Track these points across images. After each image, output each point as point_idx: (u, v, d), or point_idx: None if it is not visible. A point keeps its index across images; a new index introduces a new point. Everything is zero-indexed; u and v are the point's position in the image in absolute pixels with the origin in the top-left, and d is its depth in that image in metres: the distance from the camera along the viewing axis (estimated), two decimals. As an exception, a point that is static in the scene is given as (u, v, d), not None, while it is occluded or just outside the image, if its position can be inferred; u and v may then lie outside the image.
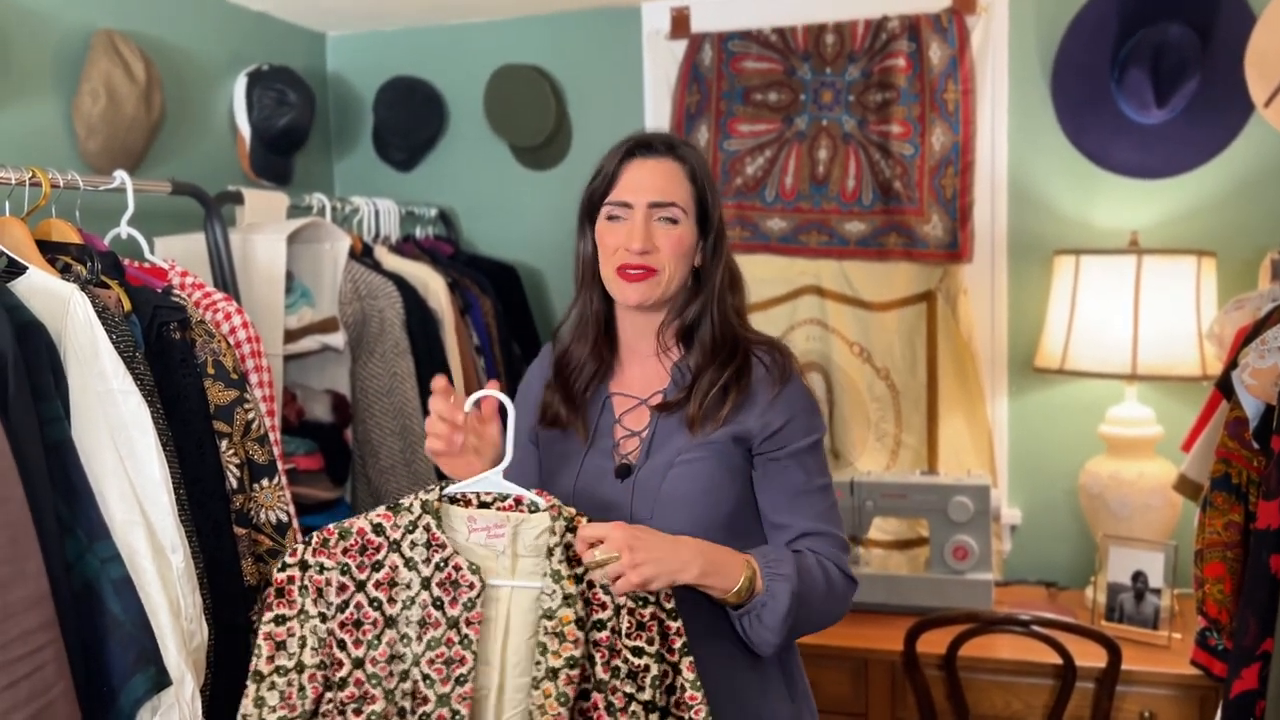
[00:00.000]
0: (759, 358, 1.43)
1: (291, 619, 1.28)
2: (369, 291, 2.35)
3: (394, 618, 1.28)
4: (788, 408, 1.40)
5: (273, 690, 1.27)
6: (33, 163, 1.62)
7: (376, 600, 1.29)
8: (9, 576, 1.19)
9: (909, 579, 2.50)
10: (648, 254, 1.39)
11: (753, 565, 1.33)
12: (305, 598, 1.28)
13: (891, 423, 2.75)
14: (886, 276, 2.72)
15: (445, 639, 1.27)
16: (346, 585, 1.29)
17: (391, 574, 1.29)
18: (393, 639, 1.28)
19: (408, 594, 1.29)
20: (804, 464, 1.41)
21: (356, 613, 1.28)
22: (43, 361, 1.32)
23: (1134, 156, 2.56)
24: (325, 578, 1.29)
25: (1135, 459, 2.41)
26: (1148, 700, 2.17)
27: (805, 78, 2.74)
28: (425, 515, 1.30)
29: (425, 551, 1.29)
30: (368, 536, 1.30)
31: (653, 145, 1.43)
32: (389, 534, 1.30)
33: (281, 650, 1.27)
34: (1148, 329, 2.32)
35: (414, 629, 1.28)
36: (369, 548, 1.30)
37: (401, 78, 3.03)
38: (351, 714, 1.27)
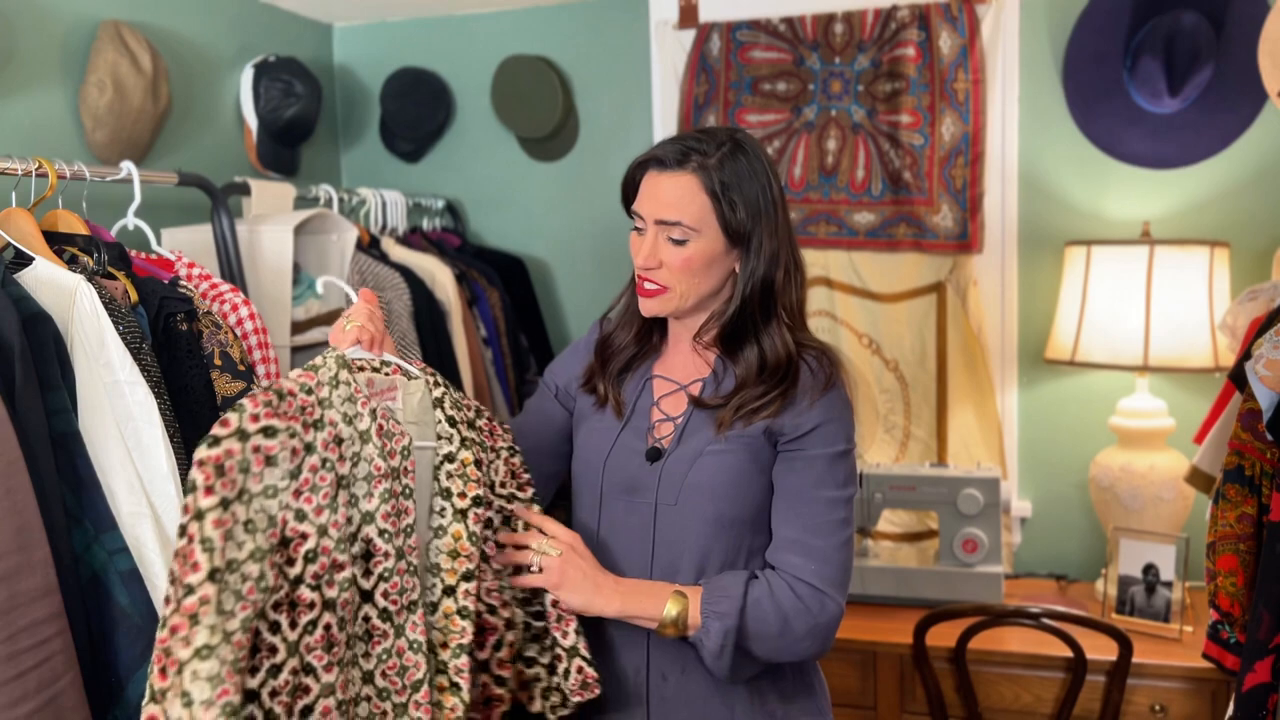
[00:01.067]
0: (806, 362, 1.42)
1: (234, 503, 1.10)
2: (376, 283, 2.34)
3: (344, 477, 1.22)
4: (822, 413, 1.38)
5: (227, 591, 1.08)
6: (39, 154, 1.61)
7: (328, 460, 1.20)
8: (17, 568, 1.19)
9: (918, 571, 2.49)
10: (652, 270, 1.41)
11: (684, 599, 1.34)
12: (245, 475, 1.12)
13: (901, 415, 2.74)
14: (896, 268, 2.71)
15: (394, 490, 1.25)
16: (297, 450, 1.17)
17: (334, 430, 1.21)
18: (345, 500, 1.22)
19: (353, 450, 1.23)
20: (817, 471, 1.38)
21: (312, 476, 1.18)
22: (49, 352, 1.32)
23: (1146, 146, 2.54)
24: (276, 441, 1.15)
25: (1147, 451, 2.39)
26: (1159, 693, 2.16)
27: (814, 67, 2.72)
28: (342, 370, 1.26)
29: (354, 406, 1.25)
30: (300, 397, 1.19)
31: (664, 159, 1.39)
32: (317, 392, 1.22)
33: (230, 540, 1.09)
34: (1160, 320, 2.31)
35: (363, 486, 1.24)
36: (306, 407, 1.20)
37: (408, 69, 3.02)
38: (325, 586, 1.18)
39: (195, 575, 1.06)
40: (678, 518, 1.40)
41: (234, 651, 1.08)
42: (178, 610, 1.06)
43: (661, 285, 1.41)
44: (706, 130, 1.42)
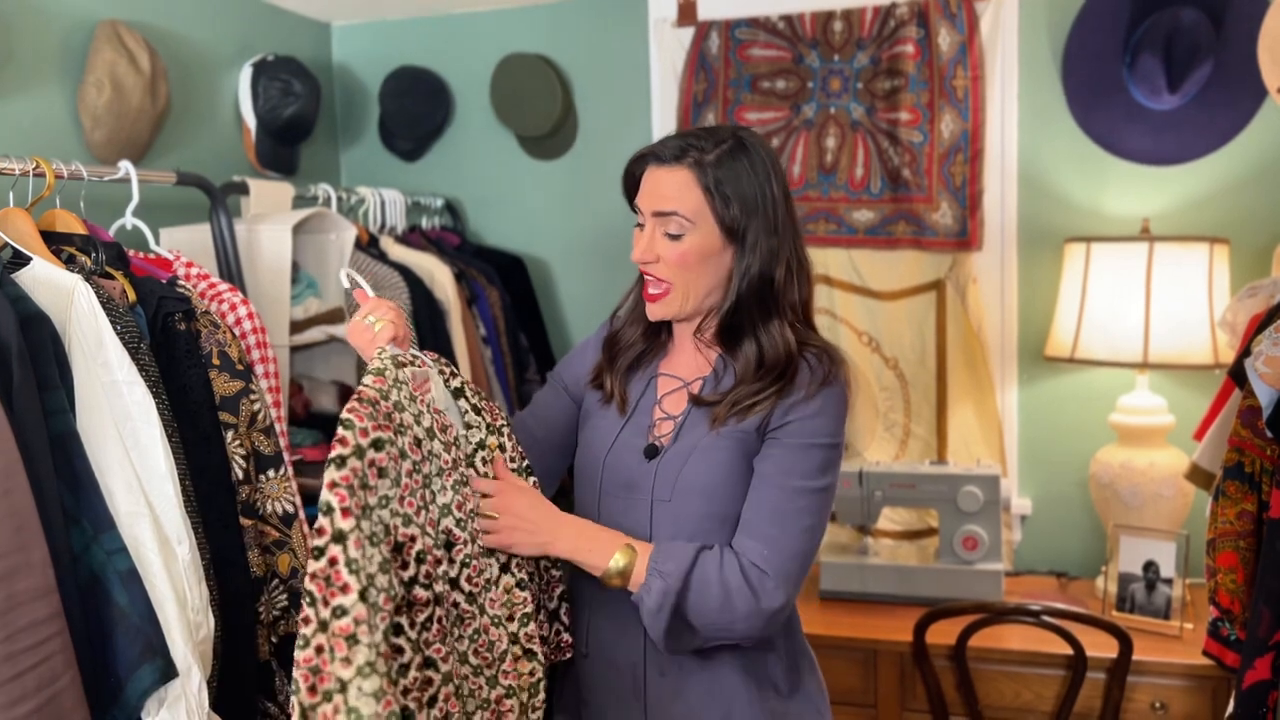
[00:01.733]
0: (806, 360, 1.41)
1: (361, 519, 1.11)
2: (375, 282, 2.34)
3: (427, 475, 1.26)
4: (815, 406, 1.37)
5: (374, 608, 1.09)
6: (38, 154, 1.61)
7: (416, 463, 1.23)
8: (15, 567, 1.19)
9: (918, 569, 2.49)
10: (649, 264, 1.41)
11: (633, 550, 1.35)
12: (365, 490, 1.13)
13: (900, 412, 2.74)
14: (895, 265, 2.71)
15: (460, 480, 1.31)
16: (395, 457, 1.19)
17: (414, 432, 1.24)
18: (427, 496, 1.26)
19: (427, 448, 1.27)
20: (799, 459, 1.36)
21: (410, 481, 1.21)
22: (47, 353, 1.31)
23: (1146, 143, 2.54)
24: (385, 453, 1.16)
25: (1147, 448, 2.39)
26: (1159, 691, 2.15)
27: (813, 65, 2.72)
28: (397, 369, 1.27)
29: (414, 404, 1.28)
30: (383, 404, 1.20)
31: (660, 155, 1.40)
32: (392, 396, 1.23)
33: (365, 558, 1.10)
34: (1159, 317, 2.30)
35: (436, 481, 1.28)
36: (390, 413, 1.21)
37: (407, 67, 3.02)
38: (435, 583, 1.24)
39: (346, 597, 1.07)
40: (672, 514, 1.40)
41: (385, 663, 1.10)
42: (327, 631, 1.07)
43: (663, 284, 1.41)
44: (711, 128, 1.42)
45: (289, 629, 1.65)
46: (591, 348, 1.60)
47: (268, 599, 1.62)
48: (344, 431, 1.12)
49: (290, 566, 1.64)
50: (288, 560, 1.64)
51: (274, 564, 1.63)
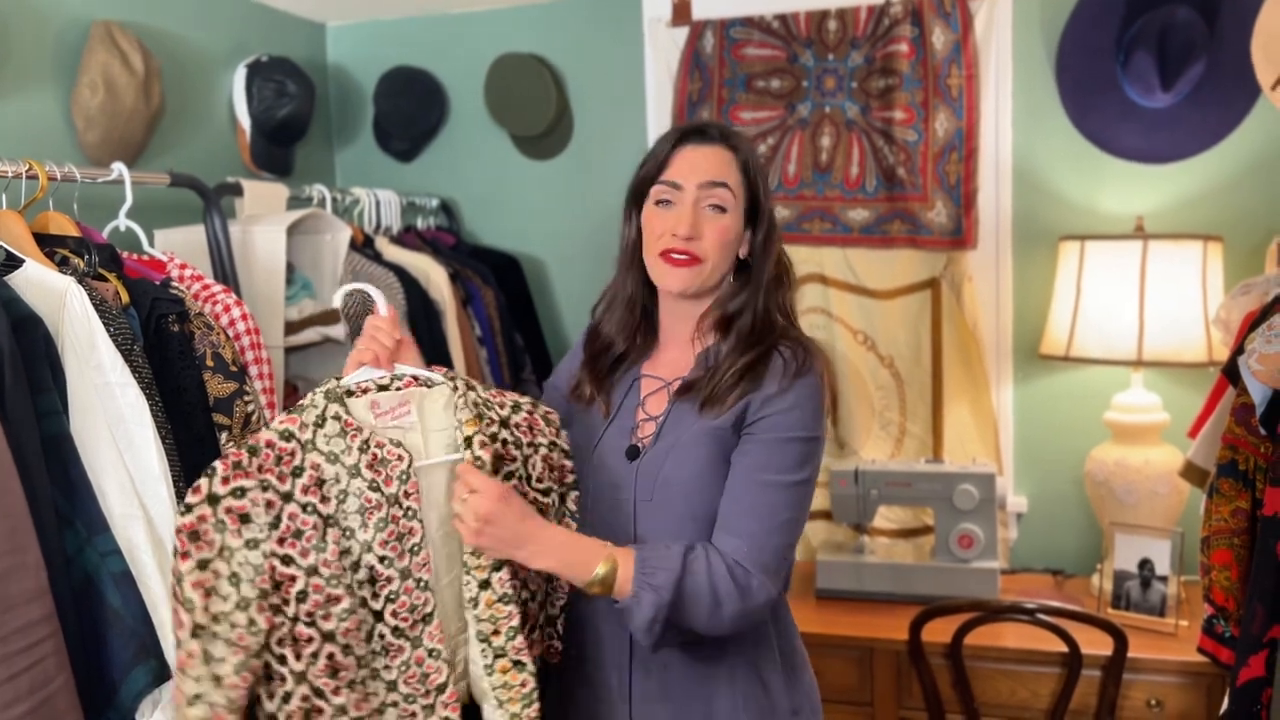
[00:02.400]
0: (780, 350, 1.42)
1: (214, 560, 1.18)
2: (369, 282, 2.34)
3: (331, 515, 1.26)
4: (790, 399, 1.38)
5: (215, 640, 1.18)
6: (32, 155, 1.61)
7: (309, 505, 1.24)
8: (8, 570, 1.19)
9: (914, 567, 2.49)
10: (692, 240, 1.39)
11: (614, 561, 1.31)
12: (223, 533, 1.19)
13: (896, 411, 2.74)
14: (890, 264, 2.71)
15: (391, 516, 1.28)
16: (273, 501, 1.22)
17: (316, 474, 1.25)
18: (337, 536, 1.26)
19: (339, 488, 1.26)
20: (775, 454, 1.36)
21: (292, 524, 1.23)
22: (40, 355, 1.31)
23: (1140, 141, 2.54)
24: (248, 500, 1.20)
25: (1141, 446, 2.40)
26: (1154, 688, 2.16)
27: (808, 64, 2.72)
28: (330, 404, 1.28)
29: (343, 441, 1.27)
30: (278, 446, 1.24)
31: (706, 131, 1.43)
32: (299, 436, 1.25)
33: (214, 595, 1.18)
34: (1154, 315, 2.31)
35: (355, 519, 1.27)
36: (284, 456, 1.24)
37: (402, 68, 3.02)
38: (321, 620, 1.24)
39: (182, 632, 1.19)
40: (655, 514, 1.40)
41: (227, 694, 1.20)
42: (176, 663, 1.20)
43: (695, 255, 1.40)
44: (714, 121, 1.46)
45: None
46: (579, 351, 1.60)
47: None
48: (201, 479, 1.20)
49: (285, 568, 1.64)
50: (282, 561, 1.64)
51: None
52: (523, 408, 1.44)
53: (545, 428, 1.44)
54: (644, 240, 1.46)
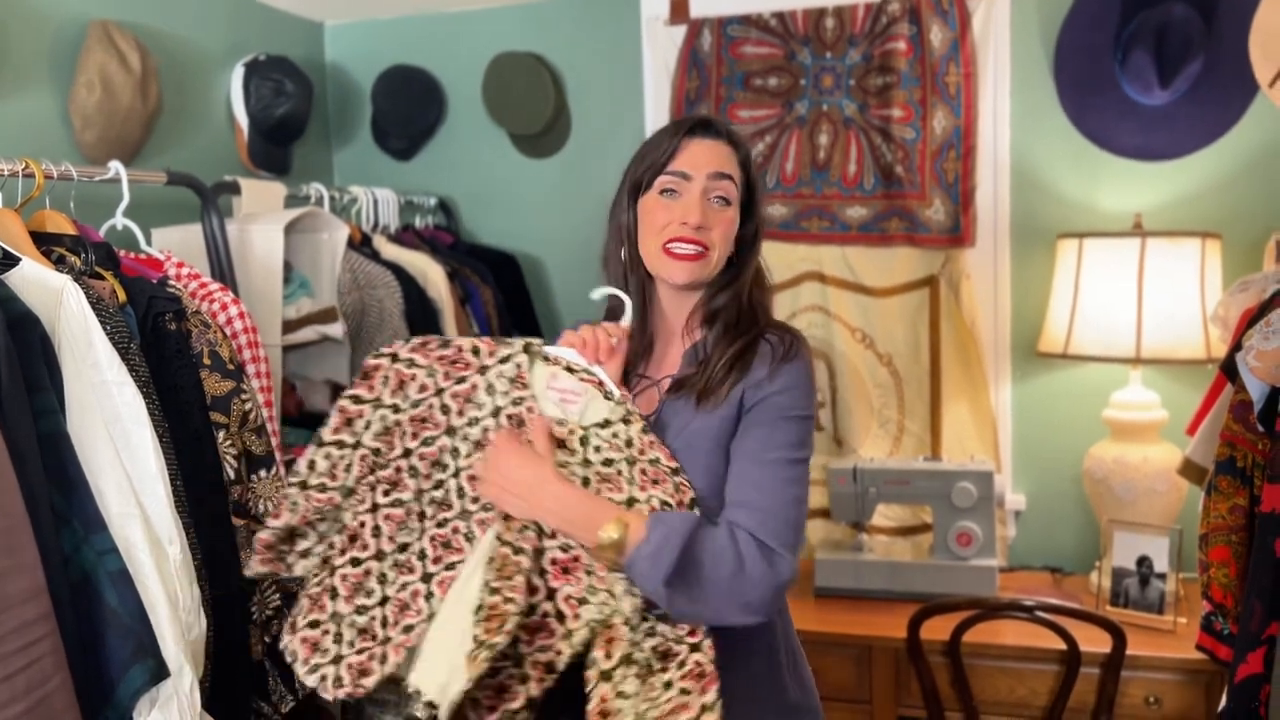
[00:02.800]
0: (767, 338, 1.42)
1: (366, 402, 1.35)
2: (368, 281, 2.34)
3: (455, 428, 1.35)
4: (782, 381, 1.38)
5: (326, 459, 1.34)
6: (29, 154, 1.61)
7: (447, 407, 1.35)
8: (5, 569, 1.19)
9: (912, 565, 2.49)
10: (702, 229, 1.39)
11: (625, 523, 1.25)
12: (385, 387, 1.35)
13: (894, 409, 2.74)
14: (888, 262, 2.71)
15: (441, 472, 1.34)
16: (427, 386, 1.35)
17: (470, 391, 1.36)
18: (444, 445, 1.35)
19: (476, 413, 1.35)
20: (775, 433, 1.36)
21: (426, 411, 1.35)
22: (36, 354, 1.31)
23: (1138, 138, 2.54)
24: (411, 373, 1.36)
25: (1140, 443, 2.39)
26: (1153, 685, 2.16)
27: (805, 62, 2.72)
28: (520, 354, 1.36)
29: (508, 385, 1.36)
30: (464, 354, 1.37)
31: (713, 125, 1.43)
32: (483, 358, 1.37)
33: (347, 427, 1.34)
34: (1152, 312, 2.31)
35: (467, 445, 1.35)
36: (460, 362, 1.36)
37: (400, 66, 3.02)
38: (380, 494, 1.34)
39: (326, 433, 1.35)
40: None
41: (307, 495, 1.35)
42: None
43: (703, 245, 1.39)
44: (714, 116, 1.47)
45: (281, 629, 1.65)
46: None
47: (260, 599, 1.62)
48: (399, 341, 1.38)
49: (283, 566, 1.64)
50: (280, 560, 1.64)
51: (266, 564, 1.63)
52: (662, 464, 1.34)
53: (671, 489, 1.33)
54: (642, 232, 1.44)
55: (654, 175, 1.42)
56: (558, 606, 1.28)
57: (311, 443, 1.35)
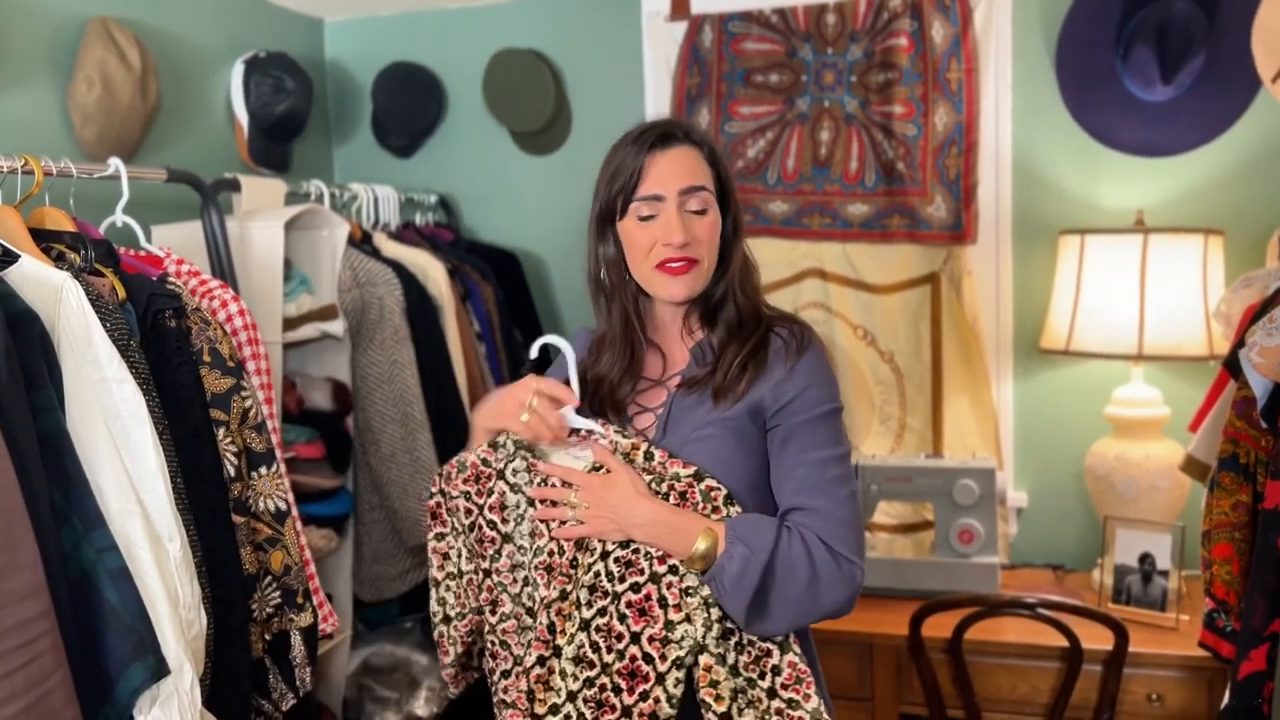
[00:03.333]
0: (777, 333, 1.43)
1: (447, 535, 1.48)
2: (368, 279, 2.33)
3: (509, 534, 1.43)
4: (803, 378, 1.38)
5: (449, 591, 1.48)
6: (29, 151, 1.60)
7: (492, 521, 1.43)
8: (4, 566, 1.19)
9: (914, 563, 2.49)
10: (688, 245, 1.38)
11: (714, 533, 1.30)
12: (453, 517, 1.46)
13: (896, 406, 2.73)
14: (890, 259, 2.70)
15: (548, 548, 1.39)
16: (470, 509, 1.45)
17: (501, 498, 1.43)
18: (511, 551, 1.43)
19: (516, 513, 1.42)
20: (812, 434, 1.36)
21: (480, 533, 1.44)
22: (35, 351, 1.30)
23: (1140, 134, 2.53)
24: (454, 504, 1.46)
25: (1142, 440, 2.39)
26: (1155, 683, 2.16)
27: (807, 59, 2.72)
28: (520, 450, 1.44)
29: (526, 475, 1.42)
30: (479, 469, 1.44)
31: (672, 134, 1.41)
32: (494, 465, 1.44)
33: (447, 560, 1.48)
34: (1154, 309, 2.30)
35: (527, 540, 1.41)
36: (480, 477, 1.44)
37: (400, 63, 3.01)
38: (490, 613, 1.45)
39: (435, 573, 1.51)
40: None
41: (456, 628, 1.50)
42: None
43: (692, 259, 1.39)
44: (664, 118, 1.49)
45: (282, 626, 1.65)
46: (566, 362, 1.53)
47: (260, 596, 1.62)
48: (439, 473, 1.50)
49: (283, 564, 1.64)
50: (280, 557, 1.64)
51: (266, 561, 1.62)
52: (682, 477, 1.37)
53: (700, 501, 1.36)
54: (629, 257, 1.42)
55: (626, 201, 1.40)
56: (644, 650, 1.32)
57: (430, 587, 1.50)
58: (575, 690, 1.33)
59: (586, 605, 1.34)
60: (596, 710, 1.32)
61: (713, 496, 1.35)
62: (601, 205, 1.44)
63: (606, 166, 1.44)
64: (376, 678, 2.47)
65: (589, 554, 1.37)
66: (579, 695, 1.33)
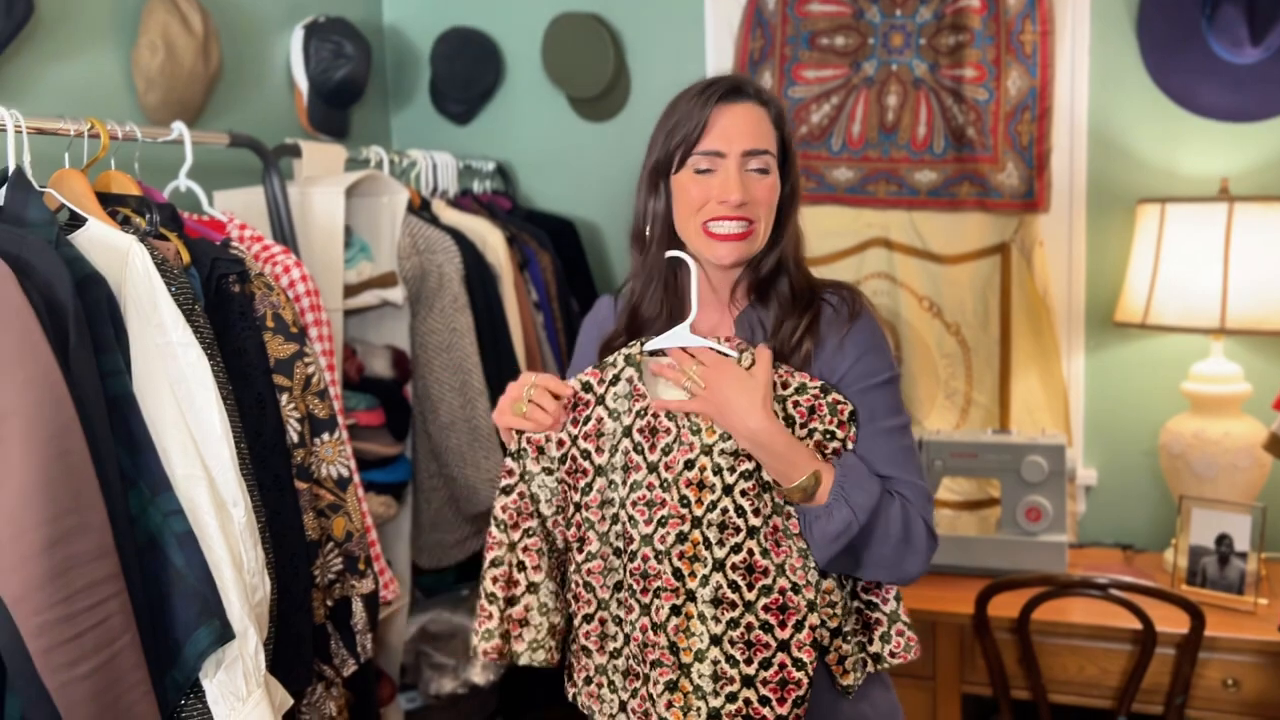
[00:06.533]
0: (826, 299, 1.39)
1: (518, 484, 1.38)
2: (427, 246, 2.32)
3: (602, 466, 1.36)
4: (854, 349, 1.35)
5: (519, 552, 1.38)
6: (93, 115, 1.60)
7: (586, 451, 1.37)
8: (74, 528, 1.19)
9: (979, 540, 2.43)
10: (744, 205, 1.33)
11: (819, 476, 1.28)
12: (526, 459, 1.38)
13: (962, 380, 2.67)
14: (958, 228, 2.63)
15: (646, 483, 1.32)
16: (563, 440, 1.37)
17: (598, 425, 1.36)
18: (602, 486, 1.36)
19: (612, 442, 1.36)
20: (868, 403, 1.34)
21: (573, 464, 1.37)
22: (103, 314, 1.31)
23: (1225, 98, 2.42)
24: (542, 436, 1.37)
25: (1221, 417, 2.30)
26: (1231, 668, 2.09)
27: (874, 20, 2.63)
28: (628, 368, 1.37)
29: (627, 402, 1.35)
30: (577, 394, 1.38)
31: (742, 88, 1.36)
32: (595, 389, 1.37)
33: (520, 516, 1.38)
34: (1239, 281, 2.21)
35: (619, 474, 1.34)
36: (579, 404, 1.38)
37: (458, 28, 2.98)
38: (575, 550, 1.38)
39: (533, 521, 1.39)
40: None
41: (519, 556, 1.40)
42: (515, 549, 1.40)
43: (749, 221, 1.34)
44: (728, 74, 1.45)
45: (344, 592, 1.66)
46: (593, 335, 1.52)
47: (323, 562, 1.62)
48: None
49: (345, 530, 1.64)
50: (342, 524, 1.64)
51: (329, 528, 1.62)
52: (809, 389, 1.35)
53: (827, 414, 1.34)
54: (678, 211, 1.37)
55: (686, 153, 1.35)
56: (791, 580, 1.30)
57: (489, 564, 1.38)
58: (719, 634, 1.28)
59: (719, 544, 1.29)
60: (748, 650, 1.28)
61: (839, 410, 1.34)
62: (658, 157, 1.39)
63: (667, 118, 1.39)
64: (434, 644, 2.48)
65: (709, 491, 1.30)
66: (724, 638, 1.28)
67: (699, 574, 1.29)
